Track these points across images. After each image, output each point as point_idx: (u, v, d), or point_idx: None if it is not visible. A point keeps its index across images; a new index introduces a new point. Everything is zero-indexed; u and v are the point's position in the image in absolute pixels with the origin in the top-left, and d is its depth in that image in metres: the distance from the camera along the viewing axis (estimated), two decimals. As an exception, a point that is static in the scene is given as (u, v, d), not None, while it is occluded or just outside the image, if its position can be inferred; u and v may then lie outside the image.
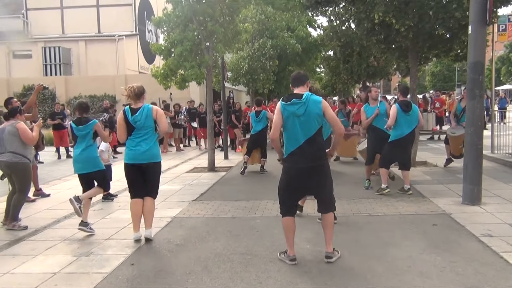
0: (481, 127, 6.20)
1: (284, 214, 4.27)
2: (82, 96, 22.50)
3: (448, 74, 61.05)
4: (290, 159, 4.15)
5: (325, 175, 4.20)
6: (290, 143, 4.13)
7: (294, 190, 4.24)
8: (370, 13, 8.58)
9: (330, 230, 4.26)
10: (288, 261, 4.19)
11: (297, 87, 4.21)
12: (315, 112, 4.03)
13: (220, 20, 10.29)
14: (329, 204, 4.29)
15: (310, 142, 4.05)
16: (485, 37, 6.52)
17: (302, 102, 4.03)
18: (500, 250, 4.31)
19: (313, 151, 4.07)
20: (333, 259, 4.17)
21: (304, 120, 4.02)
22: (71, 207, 6.65)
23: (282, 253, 4.34)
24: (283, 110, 4.09)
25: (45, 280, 3.97)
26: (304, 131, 4.04)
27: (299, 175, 4.12)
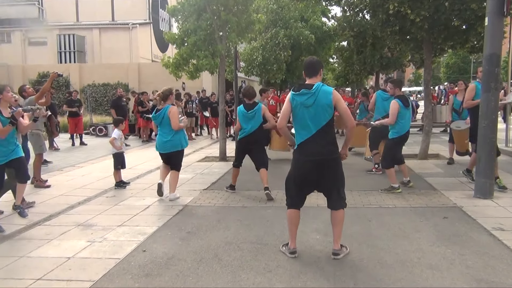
0: (495, 120, 6.13)
1: (290, 206, 4.21)
2: (96, 84, 22.72)
3: (464, 66, 60.14)
4: (301, 150, 4.05)
5: (337, 171, 4.07)
6: (300, 133, 4.03)
7: (302, 184, 4.12)
8: (385, 4, 8.49)
9: (339, 227, 4.15)
10: (288, 253, 4.16)
11: (311, 77, 4.06)
12: (325, 103, 3.90)
13: (234, 9, 10.27)
14: (339, 200, 4.15)
15: (321, 134, 3.94)
16: (502, 28, 6.43)
17: (312, 93, 3.91)
18: (511, 244, 4.29)
19: (325, 144, 3.96)
20: (340, 256, 4.10)
21: (313, 111, 3.91)
22: (85, 194, 6.83)
23: (284, 245, 4.31)
24: (292, 100, 4.01)
25: (60, 264, 4.07)
26: (314, 122, 3.93)
27: (309, 168, 4.01)
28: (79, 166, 9.58)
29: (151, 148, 12.90)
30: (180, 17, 10.94)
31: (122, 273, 3.87)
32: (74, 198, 6.59)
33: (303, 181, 4.11)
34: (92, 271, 3.89)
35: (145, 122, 14.84)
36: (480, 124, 6.23)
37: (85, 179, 8.13)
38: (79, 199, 6.51)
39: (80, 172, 8.92)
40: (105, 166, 9.34)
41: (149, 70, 23.36)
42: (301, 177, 4.10)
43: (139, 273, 3.86)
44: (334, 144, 4.06)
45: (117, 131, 7.53)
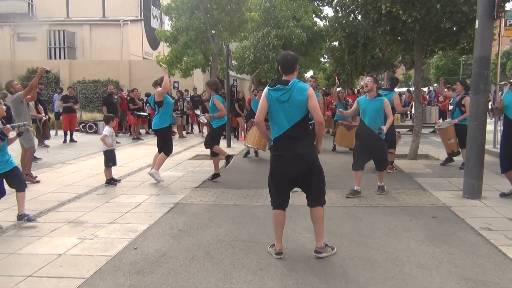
0: (484, 121, 6.22)
1: (274, 206, 4.18)
2: (86, 80, 22.56)
3: (453, 67, 60.74)
4: (275, 146, 4.05)
5: (313, 165, 4.05)
6: (274, 129, 4.03)
7: (281, 181, 4.10)
8: (377, 4, 8.55)
9: (320, 225, 4.13)
10: (274, 254, 4.13)
11: (287, 75, 4.04)
12: (300, 100, 3.90)
13: (227, 8, 10.29)
14: (318, 197, 4.15)
15: (295, 130, 3.94)
16: (492, 31, 6.51)
17: (287, 89, 3.91)
18: (498, 244, 4.36)
19: (297, 140, 3.96)
20: (322, 254, 4.07)
21: (288, 107, 3.91)
22: (75, 191, 6.79)
23: (271, 246, 4.27)
24: (268, 95, 4.00)
25: (51, 261, 4.05)
26: (288, 118, 3.93)
27: (285, 164, 4.00)
28: (69, 163, 9.52)
29: (141, 146, 12.88)
30: (174, 15, 10.94)
31: (114, 270, 3.87)
32: (65, 195, 6.55)
33: (281, 178, 4.09)
34: (83, 268, 3.88)
35: (135, 120, 14.78)
36: (470, 125, 6.32)
37: (76, 176, 8.09)
38: (69, 196, 6.48)
39: (70, 169, 8.87)
40: (96, 163, 9.29)
41: (140, 67, 23.26)
42: (279, 174, 4.09)
43: (131, 271, 3.85)
44: (308, 140, 4.06)
45: (108, 128, 7.50)
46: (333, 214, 5.51)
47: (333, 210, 5.73)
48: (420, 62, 9.76)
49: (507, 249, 4.22)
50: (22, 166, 7.71)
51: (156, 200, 6.32)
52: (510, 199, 6.12)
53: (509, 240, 4.48)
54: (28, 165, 7.63)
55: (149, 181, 7.63)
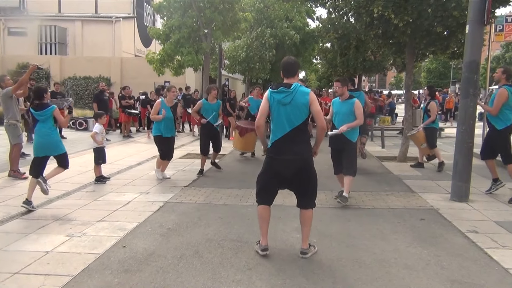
0: (472, 125, 6.29)
1: (260, 202, 4.22)
2: (77, 77, 22.40)
3: (444, 71, 61.29)
4: (273, 149, 4.09)
5: (308, 170, 4.12)
6: (275, 132, 4.06)
7: (274, 182, 4.15)
8: (370, 7, 8.61)
9: (308, 227, 4.20)
10: (260, 251, 4.17)
11: (288, 78, 4.09)
12: (301, 103, 3.96)
13: (220, 7, 10.27)
14: (309, 199, 4.21)
15: (295, 133, 3.99)
16: (482, 36, 6.58)
17: (290, 92, 3.96)
18: (484, 246, 4.42)
19: (296, 143, 4.01)
20: (308, 255, 4.15)
21: (290, 110, 3.97)
22: (64, 188, 6.75)
23: (257, 243, 4.32)
24: (270, 97, 4.04)
25: (38, 258, 4.02)
26: (289, 121, 3.98)
27: (281, 166, 4.04)
28: (58, 160, 9.43)
29: (131, 144, 12.82)
30: (165, 13, 10.88)
31: (102, 268, 3.85)
32: (53, 192, 6.48)
33: (275, 179, 4.13)
34: (71, 266, 3.86)
35: (126, 117, 14.71)
36: (458, 129, 6.38)
37: (64, 173, 7.92)
38: (58, 193, 6.44)
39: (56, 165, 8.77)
40: (85, 161, 9.23)
41: (132, 64, 23.15)
42: (274, 175, 4.12)
43: (119, 269, 3.84)
44: (307, 144, 4.12)
45: (98, 125, 7.46)
46: (323, 215, 5.53)
47: (322, 211, 5.75)
48: (411, 65, 9.84)
49: (493, 251, 4.28)
50: (9, 163, 7.65)
51: (146, 199, 6.30)
52: (497, 202, 6.19)
53: (495, 243, 4.54)
54: (16, 161, 7.57)
55: (139, 179, 7.61)
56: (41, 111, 5.82)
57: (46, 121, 5.85)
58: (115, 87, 20.70)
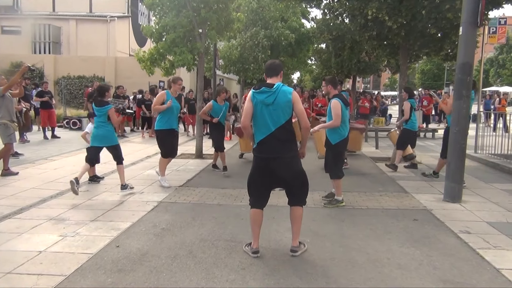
0: (466, 126, 6.33)
1: (252, 205, 4.22)
2: (71, 76, 22.31)
3: (438, 72, 61.63)
4: (259, 148, 4.10)
5: (295, 168, 4.13)
6: (259, 132, 4.08)
7: (262, 181, 4.16)
8: (364, 9, 8.65)
9: (298, 225, 4.23)
10: (251, 253, 4.16)
11: (270, 77, 4.14)
12: (284, 102, 3.98)
13: (214, 7, 10.24)
14: (298, 197, 4.24)
15: (279, 133, 4.01)
16: (475, 38, 6.64)
17: (272, 91, 3.98)
18: (476, 247, 4.46)
19: (282, 142, 4.03)
20: (298, 253, 4.18)
21: (273, 110, 3.98)
22: (57, 187, 6.73)
23: (247, 245, 4.31)
24: (253, 98, 4.06)
25: (31, 258, 4.00)
26: (273, 120, 4.00)
27: (268, 166, 4.07)
28: (51, 159, 9.41)
29: (125, 144, 12.78)
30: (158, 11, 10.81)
31: (95, 268, 3.84)
32: (46, 192, 6.48)
33: (263, 179, 4.15)
34: (64, 266, 3.85)
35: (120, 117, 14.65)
36: (452, 130, 6.43)
37: (58, 172, 8.00)
38: (51, 193, 6.41)
39: (52, 165, 8.76)
40: (79, 160, 9.19)
41: (126, 64, 23.07)
42: (261, 175, 4.14)
43: (112, 268, 3.83)
44: (292, 143, 4.14)
45: (90, 125, 7.43)
46: (317, 215, 5.56)
47: (316, 211, 5.78)
48: (405, 66, 9.89)
49: (485, 252, 4.32)
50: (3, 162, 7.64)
51: (140, 198, 6.29)
52: (489, 203, 6.24)
53: (486, 243, 4.57)
54: (6, 160, 7.56)
55: (133, 179, 7.59)
56: (100, 107, 6.59)
57: (102, 117, 6.62)
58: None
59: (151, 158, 10.03)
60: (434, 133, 16.18)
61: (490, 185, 7.52)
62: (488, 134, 10.72)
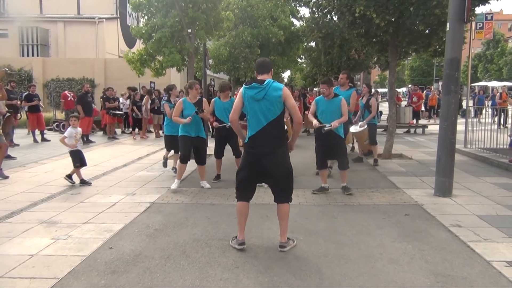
0: (454, 121, 6.39)
1: (239, 198, 4.33)
2: (60, 78, 22.14)
3: (427, 69, 62.13)
4: (250, 143, 4.21)
5: (282, 164, 4.21)
6: (251, 127, 4.18)
7: (249, 176, 4.26)
8: (352, 6, 8.68)
9: (285, 221, 4.29)
10: (237, 245, 4.26)
11: (261, 74, 4.23)
12: (274, 98, 4.06)
13: (203, 6, 10.23)
14: (284, 194, 4.30)
15: (270, 128, 4.10)
16: (463, 34, 6.69)
17: (262, 87, 4.07)
18: (467, 240, 4.51)
19: (272, 137, 4.12)
20: (286, 248, 4.24)
21: (263, 105, 4.07)
22: (48, 191, 6.68)
23: (233, 239, 4.41)
24: (244, 94, 4.16)
25: (23, 262, 3.98)
26: (264, 115, 4.09)
27: (256, 160, 4.16)
28: (42, 163, 9.34)
29: (116, 145, 12.73)
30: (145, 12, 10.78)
31: (88, 270, 3.83)
32: (37, 195, 6.43)
33: (252, 172, 4.24)
34: (57, 269, 3.83)
35: (111, 119, 14.59)
36: (441, 125, 6.49)
37: (49, 175, 7.95)
38: (42, 196, 6.37)
39: (43, 168, 8.70)
40: (69, 163, 9.10)
41: (115, 65, 22.94)
42: (251, 169, 4.23)
43: (106, 270, 3.82)
44: (282, 138, 4.24)
45: (70, 129, 7.32)
46: (309, 213, 5.58)
47: (309, 208, 5.81)
48: (394, 63, 9.95)
49: (475, 245, 4.37)
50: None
51: (132, 200, 6.27)
52: (479, 197, 6.31)
53: (477, 236, 4.63)
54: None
55: (125, 181, 7.56)
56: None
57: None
58: (99, 88, 20.52)
59: (142, 159, 10.00)
60: (424, 128, 16.30)
61: (480, 179, 7.61)
62: (477, 129, 10.83)
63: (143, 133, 14.80)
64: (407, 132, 16.43)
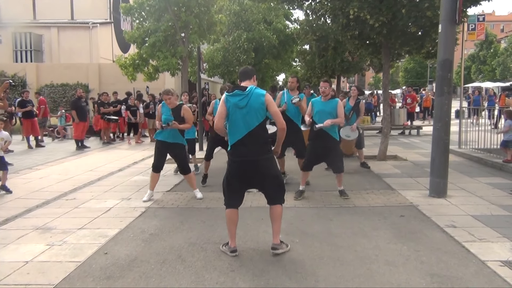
0: (448, 122, 6.42)
1: (228, 206, 4.27)
2: (54, 84, 22.07)
3: (421, 70, 62.51)
4: (232, 151, 4.15)
5: (269, 169, 4.16)
6: (232, 135, 4.11)
7: (236, 183, 4.20)
8: (345, 8, 8.72)
9: (278, 223, 4.26)
10: (229, 252, 4.21)
11: (243, 81, 4.20)
12: (257, 105, 4.01)
13: (196, 10, 10.25)
14: (275, 196, 4.26)
15: (252, 135, 4.04)
16: (455, 35, 6.74)
17: (245, 94, 4.02)
18: (462, 240, 4.53)
19: (255, 145, 4.06)
20: (279, 251, 4.20)
21: (246, 112, 4.01)
22: (43, 196, 6.65)
23: (224, 245, 4.36)
24: (226, 101, 4.10)
25: (17, 268, 3.96)
26: (246, 123, 4.02)
27: (241, 168, 4.12)
28: (36, 169, 9.29)
29: (111, 150, 12.69)
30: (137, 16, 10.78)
31: (83, 276, 3.81)
32: (32, 201, 6.40)
33: (237, 181, 4.19)
34: (52, 275, 3.82)
35: (105, 124, 14.55)
36: (435, 126, 6.52)
37: (43, 181, 7.91)
38: (37, 202, 6.34)
39: (37, 174, 8.66)
40: (65, 169, 9.12)
41: (110, 70, 22.87)
42: (236, 177, 4.19)
43: (101, 276, 3.81)
44: (265, 145, 4.16)
45: (3, 131, 7.18)
46: (305, 215, 5.59)
47: (304, 211, 5.82)
48: (388, 65, 9.99)
49: (470, 245, 4.39)
50: None
51: (127, 205, 6.26)
52: (474, 197, 6.34)
53: (472, 236, 4.65)
54: None
55: (120, 186, 7.54)
56: None
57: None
58: (94, 93, 20.47)
59: (137, 164, 9.97)
60: (419, 130, 16.36)
61: (474, 179, 7.64)
62: (471, 130, 10.89)
63: (137, 138, 14.77)
64: (402, 133, 16.49)
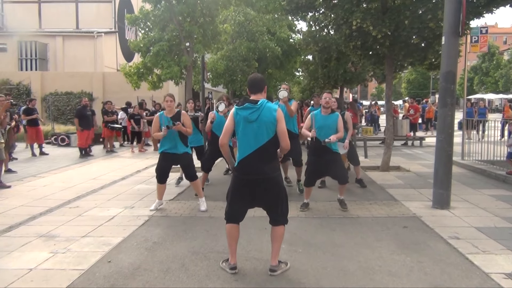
0: (451, 134, 6.44)
1: (228, 220, 4.10)
2: (59, 92, 22.21)
3: (423, 81, 62.56)
4: (239, 168, 3.94)
5: (276, 188, 3.97)
6: (241, 150, 3.92)
7: (240, 200, 4.02)
8: (348, 19, 8.79)
9: (278, 244, 4.05)
10: (229, 269, 4.04)
11: (254, 94, 3.96)
12: (269, 120, 3.81)
13: (200, 20, 10.35)
14: (278, 217, 4.06)
15: (262, 152, 3.84)
16: (458, 47, 6.77)
17: (256, 108, 3.82)
18: (465, 252, 4.52)
19: (264, 162, 3.87)
20: (277, 272, 3.99)
21: (256, 127, 3.82)
22: (47, 204, 6.67)
23: (224, 261, 4.20)
24: (236, 115, 3.90)
25: (21, 276, 3.97)
26: (256, 138, 3.83)
27: (247, 186, 3.93)
28: (40, 176, 9.33)
29: (115, 159, 12.72)
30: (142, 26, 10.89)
31: (87, 284, 3.82)
32: (36, 209, 6.43)
33: (241, 198, 4.01)
34: (55, 283, 3.82)
35: (109, 132, 14.60)
36: (438, 137, 6.53)
37: (47, 189, 7.94)
38: (40, 210, 6.36)
39: (41, 182, 8.69)
40: (68, 177, 9.15)
41: (114, 79, 23.02)
42: (240, 194, 4.00)
43: (104, 284, 3.82)
44: (274, 162, 3.99)
45: None
46: (308, 225, 5.59)
47: (308, 221, 5.82)
48: (391, 76, 10.03)
49: (474, 257, 4.38)
50: None
51: (131, 213, 6.27)
52: (477, 209, 6.33)
53: (475, 248, 4.64)
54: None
55: (123, 194, 7.56)
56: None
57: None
58: (98, 102, 20.57)
59: (141, 172, 10.00)
60: (422, 141, 16.36)
61: (477, 191, 7.63)
62: (474, 141, 10.89)
63: (141, 146, 14.82)
64: (405, 144, 16.49)
